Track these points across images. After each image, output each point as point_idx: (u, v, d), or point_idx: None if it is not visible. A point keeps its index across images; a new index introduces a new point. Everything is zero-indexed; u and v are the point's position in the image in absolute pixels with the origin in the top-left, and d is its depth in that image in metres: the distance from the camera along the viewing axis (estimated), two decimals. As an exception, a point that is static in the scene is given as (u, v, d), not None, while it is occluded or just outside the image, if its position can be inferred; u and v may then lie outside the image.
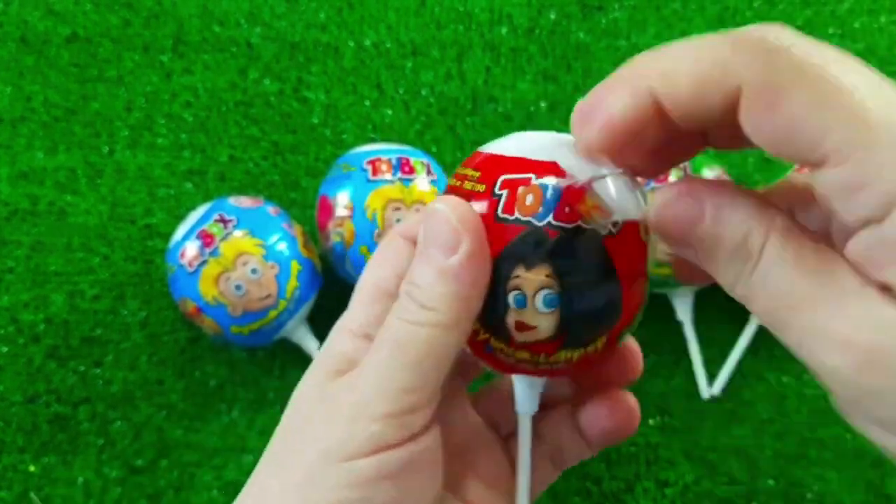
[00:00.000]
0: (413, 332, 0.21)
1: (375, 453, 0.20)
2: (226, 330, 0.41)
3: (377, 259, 0.25)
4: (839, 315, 0.16)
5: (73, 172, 0.49)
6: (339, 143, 0.50)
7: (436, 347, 0.21)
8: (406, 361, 0.20)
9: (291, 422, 0.22)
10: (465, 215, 0.21)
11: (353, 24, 0.53)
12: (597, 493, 0.43)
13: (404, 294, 0.21)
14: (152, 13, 0.53)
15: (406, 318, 0.21)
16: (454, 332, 0.21)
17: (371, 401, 0.20)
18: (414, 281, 0.21)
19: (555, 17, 0.53)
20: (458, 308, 0.21)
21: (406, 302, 0.21)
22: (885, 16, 0.53)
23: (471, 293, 0.21)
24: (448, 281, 0.20)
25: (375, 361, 0.21)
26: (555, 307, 0.21)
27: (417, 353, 0.21)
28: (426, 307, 0.21)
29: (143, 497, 0.43)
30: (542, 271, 0.20)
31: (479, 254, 0.21)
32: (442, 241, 0.20)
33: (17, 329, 0.46)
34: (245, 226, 0.41)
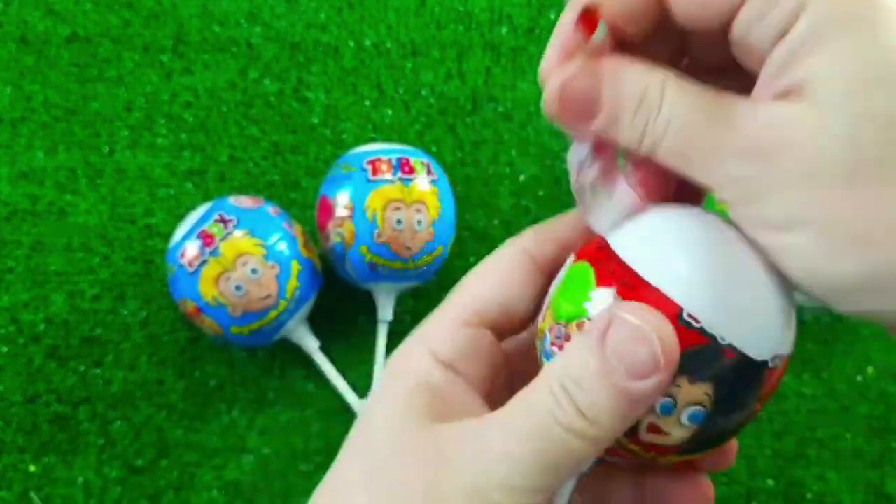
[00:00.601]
0: (563, 438, 0.19)
1: None
2: (226, 330, 0.41)
3: (485, 268, 0.23)
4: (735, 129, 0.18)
5: (73, 172, 0.49)
6: (339, 143, 0.50)
7: (579, 458, 0.19)
8: (545, 463, 0.19)
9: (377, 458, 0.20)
10: (670, 344, 0.18)
11: (354, 24, 0.53)
12: (597, 493, 0.43)
13: (560, 388, 0.19)
14: (152, 13, 0.53)
15: (560, 420, 0.19)
16: (602, 446, 0.19)
17: (495, 490, 0.19)
18: (577, 380, 0.19)
19: (555, 16, 0.53)
20: (619, 429, 0.19)
21: (563, 401, 0.19)
22: (885, 16, 0.53)
23: (635, 418, 0.19)
24: (622, 403, 0.18)
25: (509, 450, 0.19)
26: (697, 423, 0.19)
27: (559, 458, 0.19)
28: (586, 418, 0.18)
29: (143, 497, 0.43)
30: (702, 388, 0.19)
31: (667, 386, 0.18)
32: (633, 362, 0.18)
33: (18, 329, 0.46)
34: (245, 226, 0.41)
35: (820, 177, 0.17)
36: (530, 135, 0.51)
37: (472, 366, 0.22)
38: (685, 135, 0.18)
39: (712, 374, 0.19)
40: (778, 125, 0.17)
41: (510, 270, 0.23)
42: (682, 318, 0.18)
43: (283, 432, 0.44)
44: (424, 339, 0.22)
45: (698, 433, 0.20)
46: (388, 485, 0.20)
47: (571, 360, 0.19)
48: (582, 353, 0.19)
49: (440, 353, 0.21)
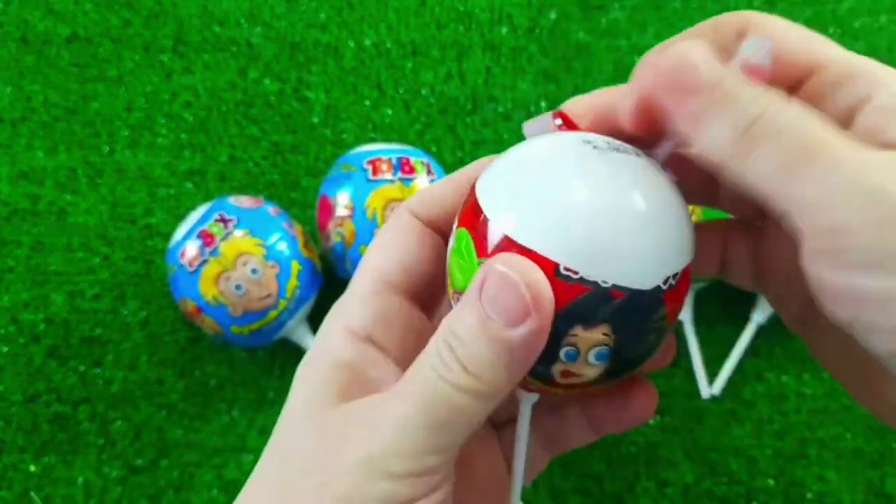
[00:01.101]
0: (448, 394, 0.19)
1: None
2: (226, 330, 0.41)
3: (382, 241, 0.23)
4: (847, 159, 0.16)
5: (73, 172, 0.49)
6: (339, 143, 0.50)
7: (469, 415, 0.19)
8: (434, 423, 0.19)
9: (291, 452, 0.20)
10: (538, 288, 0.18)
11: (354, 23, 0.53)
12: (597, 492, 0.43)
13: (444, 344, 0.19)
14: (152, 13, 0.53)
15: (444, 376, 0.19)
16: (492, 402, 0.19)
17: (388, 457, 0.19)
18: (459, 334, 0.19)
19: (555, 16, 0.53)
20: (504, 381, 0.19)
21: (446, 356, 0.19)
22: (885, 15, 0.53)
23: (521, 369, 0.19)
24: (502, 353, 0.18)
25: (399, 414, 0.19)
26: (606, 360, 0.20)
27: (448, 416, 0.19)
28: (469, 371, 0.19)
29: (143, 497, 0.43)
30: (600, 330, 0.19)
31: (543, 332, 0.19)
32: (506, 310, 0.18)
33: (18, 329, 0.46)
34: (245, 225, 0.41)
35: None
36: (530, 135, 0.51)
37: (388, 334, 0.22)
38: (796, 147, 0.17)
39: (606, 316, 0.19)
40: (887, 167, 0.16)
41: (403, 235, 0.23)
42: (559, 273, 0.19)
43: (283, 432, 0.44)
44: (339, 315, 0.22)
45: (612, 364, 0.20)
46: (292, 471, 0.20)
47: (454, 317, 0.19)
48: (462, 309, 0.19)
49: (355, 326, 0.21)
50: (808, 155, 0.16)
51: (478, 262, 0.20)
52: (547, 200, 0.19)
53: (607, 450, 0.44)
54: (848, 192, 0.16)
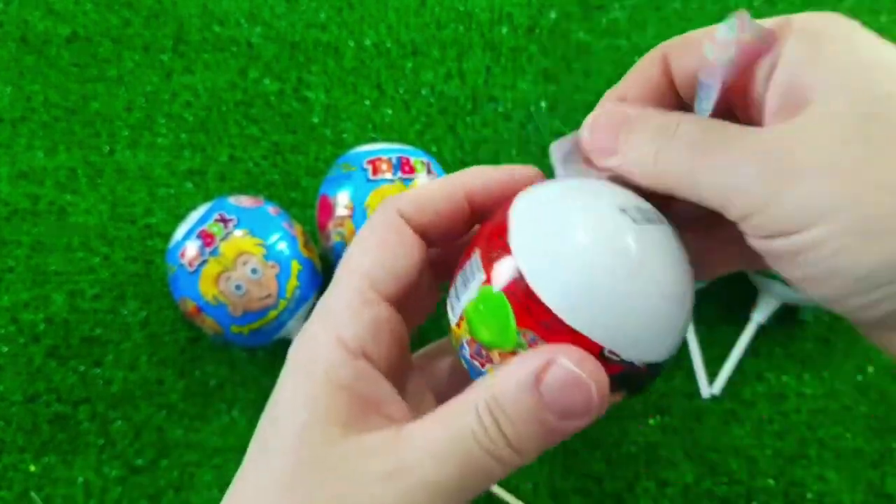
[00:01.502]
0: (487, 463, 0.19)
1: None
2: (226, 330, 0.41)
3: (370, 241, 0.22)
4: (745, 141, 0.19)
5: (73, 172, 0.49)
6: (339, 143, 0.50)
7: (496, 480, 0.19)
8: (462, 487, 0.19)
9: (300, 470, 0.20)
10: (603, 389, 0.19)
11: (354, 23, 0.53)
12: (597, 492, 0.43)
13: (488, 415, 0.19)
14: (152, 13, 0.53)
15: (486, 447, 0.19)
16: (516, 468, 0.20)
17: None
18: (507, 411, 0.19)
19: (555, 16, 0.53)
20: (539, 454, 0.19)
21: (491, 428, 0.19)
22: (885, 15, 0.53)
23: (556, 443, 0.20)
24: (550, 439, 0.19)
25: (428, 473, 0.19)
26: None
27: (482, 483, 0.19)
28: (513, 447, 0.19)
29: (143, 497, 0.43)
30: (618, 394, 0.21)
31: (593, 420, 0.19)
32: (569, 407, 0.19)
33: (18, 329, 0.46)
34: (245, 225, 0.41)
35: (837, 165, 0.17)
36: (530, 134, 0.51)
37: (380, 349, 0.21)
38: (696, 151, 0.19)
39: (628, 385, 0.21)
40: (787, 132, 0.18)
41: (393, 239, 0.22)
42: (603, 355, 0.20)
43: (283, 432, 0.44)
44: (329, 324, 0.21)
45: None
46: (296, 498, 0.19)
47: (503, 392, 0.19)
48: (514, 388, 0.19)
49: (348, 339, 0.21)
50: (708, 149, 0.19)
51: (518, 331, 0.20)
52: (596, 284, 0.20)
53: (607, 450, 0.44)
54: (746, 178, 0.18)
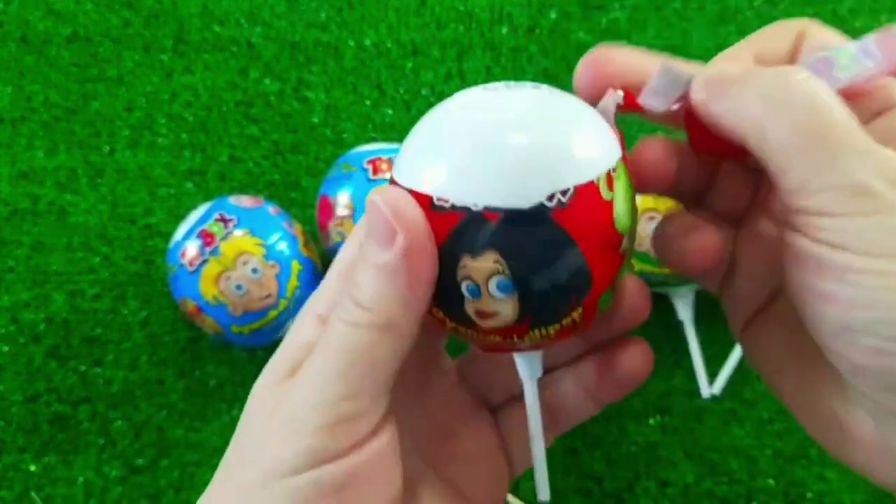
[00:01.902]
0: (349, 334, 0.19)
1: (314, 468, 0.18)
2: (226, 329, 0.41)
3: (353, 234, 0.23)
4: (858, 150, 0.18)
5: (73, 172, 0.49)
6: (339, 143, 0.50)
7: (372, 351, 0.19)
8: (341, 367, 0.19)
9: (244, 428, 0.21)
10: (399, 206, 0.19)
11: (354, 23, 0.53)
12: (597, 492, 0.43)
13: (345, 292, 0.20)
14: (153, 13, 0.53)
15: (344, 317, 0.19)
16: (392, 333, 0.19)
17: (306, 412, 0.19)
18: (353, 278, 0.19)
19: (555, 16, 0.53)
20: (395, 308, 0.19)
21: (345, 300, 0.19)
22: (885, 16, 0.53)
23: (408, 292, 0.19)
24: (383, 279, 0.19)
25: (312, 368, 0.19)
26: (511, 292, 0.19)
27: (354, 357, 0.19)
28: (363, 306, 0.19)
29: (143, 497, 0.43)
30: (488, 258, 0.19)
31: (418, 249, 0.19)
32: (378, 235, 0.19)
33: (18, 328, 0.46)
34: (245, 225, 0.41)
35: None
36: (531, 134, 0.51)
37: None
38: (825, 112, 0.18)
39: (486, 242, 0.18)
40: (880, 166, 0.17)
41: None
42: (434, 206, 0.19)
43: (283, 432, 0.44)
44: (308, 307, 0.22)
45: (524, 301, 0.19)
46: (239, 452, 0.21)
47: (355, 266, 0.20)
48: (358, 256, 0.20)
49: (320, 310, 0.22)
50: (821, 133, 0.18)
51: None
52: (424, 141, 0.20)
53: (607, 450, 0.44)
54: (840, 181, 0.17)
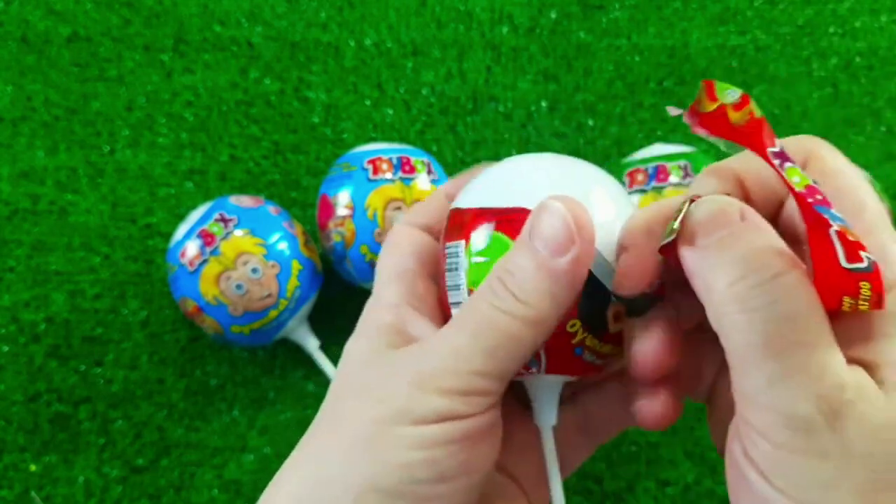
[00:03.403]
0: (500, 319, 0.21)
1: (441, 422, 0.20)
2: (226, 329, 0.41)
3: (391, 247, 0.25)
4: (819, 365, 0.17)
5: (73, 172, 0.49)
6: (339, 143, 0.50)
7: (518, 340, 0.21)
8: (486, 346, 0.20)
9: (348, 386, 0.23)
10: (582, 219, 0.21)
11: (354, 23, 0.53)
12: (598, 492, 0.43)
13: (497, 279, 0.21)
14: (153, 12, 0.53)
15: (496, 304, 0.21)
16: (539, 329, 0.21)
17: (442, 375, 0.20)
18: (510, 269, 0.21)
19: (556, 16, 0.53)
20: (551, 308, 0.21)
21: (498, 288, 0.21)
22: (885, 15, 0.53)
23: (566, 297, 0.21)
24: (549, 279, 0.20)
25: (453, 337, 0.21)
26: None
27: (499, 340, 0.20)
28: (519, 299, 0.21)
29: (143, 496, 0.43)
30: None
31: (586, 262, 0.21)
32: (553, 238, 0.20)
33: (18, 328, 0.46)
34: (246, 225, 0.41)
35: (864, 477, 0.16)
36: (531, 134, 0.51)
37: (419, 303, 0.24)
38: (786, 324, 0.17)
39: None
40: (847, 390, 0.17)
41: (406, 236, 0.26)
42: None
43: (283, 431, 0.44)
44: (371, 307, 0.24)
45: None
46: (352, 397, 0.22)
47: (506, 259, 0.21)
48: (514, 251, 0.21)
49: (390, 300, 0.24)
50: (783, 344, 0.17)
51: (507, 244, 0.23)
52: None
53: (607, 450, 0.44)
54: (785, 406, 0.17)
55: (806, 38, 0.53)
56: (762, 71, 0.52)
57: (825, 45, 0.53)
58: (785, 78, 0.52)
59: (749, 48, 0.53)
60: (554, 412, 0.25)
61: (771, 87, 0.52)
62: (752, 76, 0.52)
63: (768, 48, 0.53)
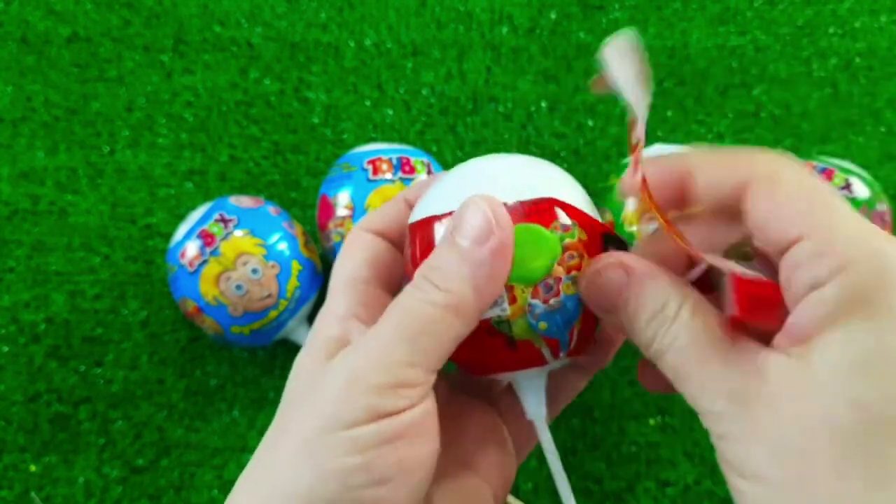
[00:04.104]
0: (420, 308, 0.21)
1: (372, 421, 0.20)
2: (226, 329, 0.41)
3: (346, 253, 0.26)
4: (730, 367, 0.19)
5: (73, 172, 0.49)
6: (339, 143, 0.50)
7: (440, 327, 0.21)
8: (408, 336, 0.21)
9: (291, 399, 0.23)
10: (499, 211, 0.22)
11: (354, 23, 0.53)
12: (598, 492, 0.43)
13: (420, 276, 0.22)
14: (153, 13, 0.53)
15: (418, 296, 0.21)
16: (460, 317, 0.21)
17: (369, 371, 0.21)
18: (433, 265, 0.22)
19: (555, 16, 0.53)
20: (470, 296, 0.21)
21: (420, 282, 0.22)
22: (885, 15, 0.53)
23: (487, 285, 0.21)
24: (468, 266, 0.21)
25: (377, 334, 0.21)
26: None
27: (421, 328, 0.21)
28: (440, 288, 0.21)
29: (143, 496, 0.43)
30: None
31: (506, 252, 0.22)
32: (473, 231, 0.21)
33: (18, 329, 0.46)
34: (246, 225, 0.41)
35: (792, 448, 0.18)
36: (531, 135, 0.51)
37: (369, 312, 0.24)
38: (686, 356, 0.20)
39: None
40: (768, 380, 0.19)
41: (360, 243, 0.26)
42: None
43: (283, 432, 0.44)
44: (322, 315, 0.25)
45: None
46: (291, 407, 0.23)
47: (431, 256, 0.22)
48: (437, 248, 0.22)
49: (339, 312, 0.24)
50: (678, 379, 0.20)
51: None
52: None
53: (607, 450, 0.44)
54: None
55: (806, 39, 0.53)
56: (762, 71, 0.52)
57: (825, 46, 0.53)
58: (785, 78, 0.52)
59: (749, 48, 0.53)
60: (543, 403, 0.25)
61: (771, 87, 0.52)
62: (752, 76, 0.52)
63: (768, 48, 0.53)
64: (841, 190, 0.41)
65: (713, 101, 0.51)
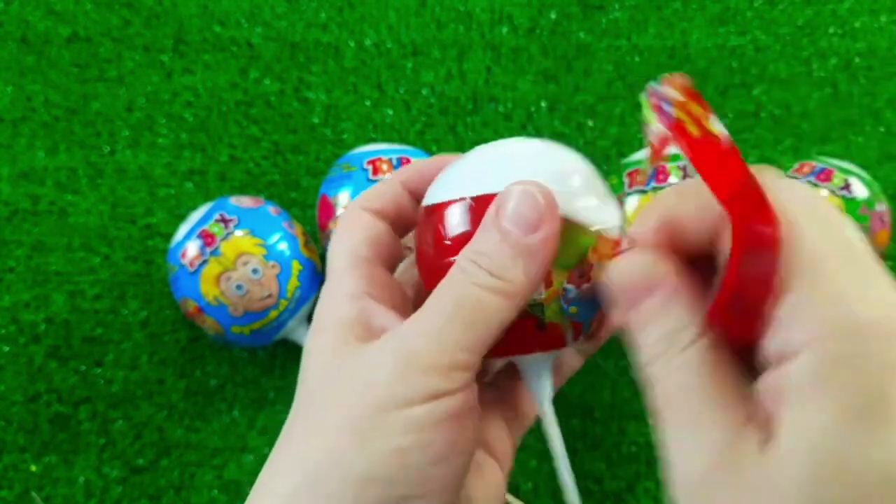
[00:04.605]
0: (478, 295, 0.21)
1: (428, 401, 0.21)
2: (226, 330, 0.41)
3: (343, 230, 0.26)
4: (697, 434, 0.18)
5: (73, 172, 0.49)
6: (339, 143, 0.50)
7: (496, 314, 0.22)
8: (466, 321, 0.21)
9: (323, 383, 0.22)
10: (552, 199, 0.22)
11: (354, 23, 0.53)
12: (598, 492, 0.43)
13: (469, 262, 0.22)
14: (153, 13, 0.53)
15: (474, 281, 0.22)
16: (512, 303, 0.22)
17: (426, 353, 0.21)
18: (482, 251, 0.22)
19: (555, 16, 0.53)
20: (525, 282, 0.22)
21: (472, 268, 0.22)
22: (885, 15, 0.53)
23: (537, 272, 0.22)
24: (523, 256, 0.22)
25: (432, 316, 0.22)
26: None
27: (478, 315, 0.21)
28: (493, 274, 0.22)
29: (143, 496, 0.43)
30: None
31: (556, 240, 0.22)
32: (524, 219, 0.22)
33: (18, 329, 0.46)
34: (246, 226, 0.41)
35: None
36: (531, 135, 0.51)
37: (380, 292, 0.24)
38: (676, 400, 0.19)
39: None
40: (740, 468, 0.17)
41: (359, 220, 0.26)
42: None
43: (283, 432, 0.44)
44: (330, 293, 0.24)
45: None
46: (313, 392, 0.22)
47: (475, 241, 0.22)
48: (482, 233, 0.22)
49: (351, 290, 0.24)
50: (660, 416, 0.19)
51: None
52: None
53: (607, 450, 0.44)
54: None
55: (806, 39, 0.53)
56: (762, 71, 0.52)
57: (825, 46, 0.53)
58: (785, 78, 0.52)
59: (749, 48, 0.53)
60: (550, 384, 0.26)
61: (771, 88, 0.52)
62: (752, 76, 0.52)
63: (768, 48, 0.53)
64: (840, 190, 0.41)
65: (713, 101, 0.51)
